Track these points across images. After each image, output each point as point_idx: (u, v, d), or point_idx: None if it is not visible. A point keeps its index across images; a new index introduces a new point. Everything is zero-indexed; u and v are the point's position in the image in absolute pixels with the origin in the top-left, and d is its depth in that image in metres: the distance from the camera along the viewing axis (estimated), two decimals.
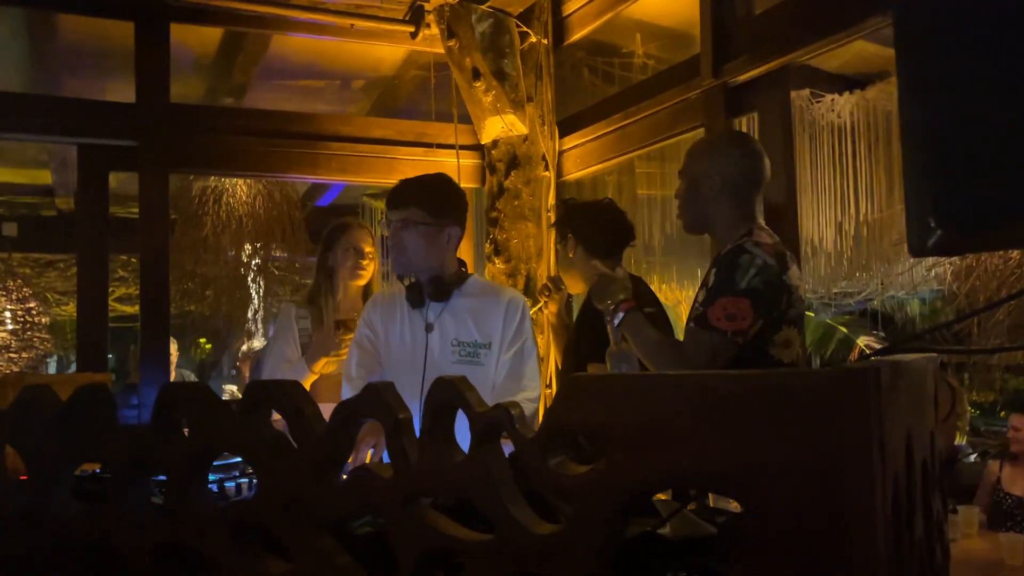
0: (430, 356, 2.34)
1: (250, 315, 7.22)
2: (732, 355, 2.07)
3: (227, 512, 1.14)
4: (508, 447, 0.95)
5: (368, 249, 2.98)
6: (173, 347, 4.80)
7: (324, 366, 2.89)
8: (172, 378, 4.95)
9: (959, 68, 0.89)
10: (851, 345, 8.57)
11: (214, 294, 6.90)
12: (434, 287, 2.36)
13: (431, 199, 2.33)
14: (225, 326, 8.10)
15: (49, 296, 8.06)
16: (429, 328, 2.37)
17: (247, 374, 6.59)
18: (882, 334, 8.21)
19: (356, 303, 3.01)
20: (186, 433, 1.15)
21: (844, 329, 8.74)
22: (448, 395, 0.98)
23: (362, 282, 3.00)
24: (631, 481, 0.86)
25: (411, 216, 2.29)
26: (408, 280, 2.41)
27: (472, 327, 2.37)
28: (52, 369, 9.23)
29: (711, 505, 1.29)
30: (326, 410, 1.03)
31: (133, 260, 7.49)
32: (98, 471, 1.60)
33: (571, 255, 2.99)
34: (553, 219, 3.52)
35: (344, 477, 1.08)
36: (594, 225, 3.00)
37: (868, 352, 6.75)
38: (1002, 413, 8.38)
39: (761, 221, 2.28)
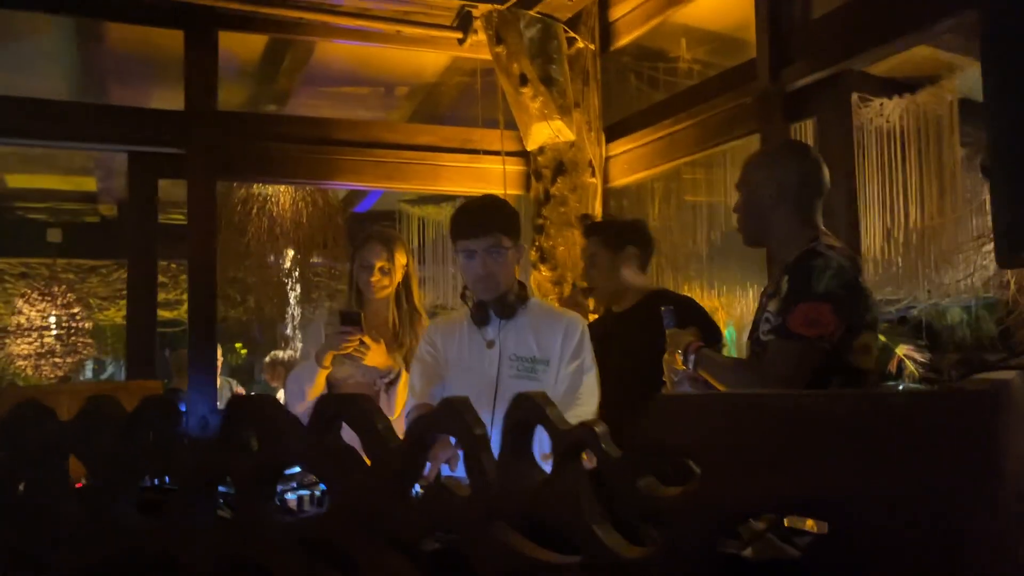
0: (492, 370, 2.37)
1: (288, 322, 7.22)
2: (819, 362, 1.99)
3: (296, 527, 1.12)
4: None
5: (380, 264, 2.91)
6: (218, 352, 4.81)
7: (332, 360, 2.89)
8: (218, 385, 4.97)
9: None
10: (890, 354, 8.38)
11: (255, 300, 6.92)
12: (501, 304, 2.40)
13: (508, 223, 2.39)
14: (260, 333, 8.13)
15: (92, 301, 8.13)
16: (490, 344, 2.40)
17: (276, 385, 6.57)
18: (923, 343, 8.03)
19: (380, 315, 2.98)
20: (255, 446, 1.13)
21: (883, 338, 8.54)
22: (528, 412, 0.95)
23: (378, 295, 2.95)
24: (726, 505, 0.83)
25: (497, 242, 2.33)
26: (471, 300, 2.44)
27: (532, 343, 2.40)
28: (88, 373, 9.36)
29: (787, 526, 1.25)
30: None
31: (173, 266, 7.55)
32: (156, 481, 1.59)
33: (624, 268, 3.11)
34: (600, 229, 3.43)
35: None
36: (645, 240, 3.19)
37: (908, 361, 6.62)
38: None
39: (823, 230, 2.23)
